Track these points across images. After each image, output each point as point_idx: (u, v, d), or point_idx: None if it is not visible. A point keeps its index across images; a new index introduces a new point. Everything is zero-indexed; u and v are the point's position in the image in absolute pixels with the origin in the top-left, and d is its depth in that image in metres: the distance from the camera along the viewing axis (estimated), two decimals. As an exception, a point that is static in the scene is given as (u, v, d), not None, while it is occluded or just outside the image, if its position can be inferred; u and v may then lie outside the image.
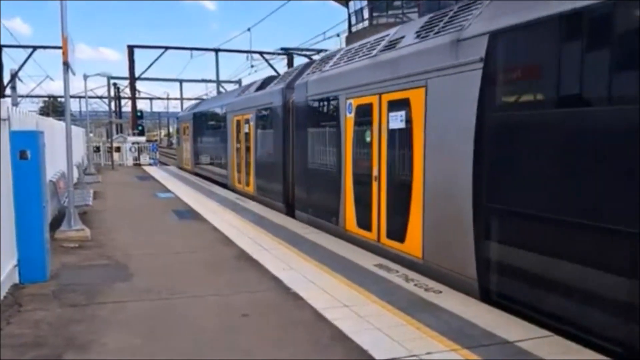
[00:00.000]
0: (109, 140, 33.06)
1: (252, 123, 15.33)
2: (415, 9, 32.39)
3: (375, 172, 8.16)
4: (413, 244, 7.16)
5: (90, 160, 27.37)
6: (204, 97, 48.45)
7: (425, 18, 7.77)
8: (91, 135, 35.67)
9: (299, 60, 36.27)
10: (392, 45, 8.06)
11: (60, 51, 9.13)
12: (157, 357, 4.40)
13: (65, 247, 8.59)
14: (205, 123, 23.63)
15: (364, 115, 8.52)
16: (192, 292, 6.20)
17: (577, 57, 4.78)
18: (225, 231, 9.97)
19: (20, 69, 35.97)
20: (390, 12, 33.92)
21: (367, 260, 7.57)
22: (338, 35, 30.43)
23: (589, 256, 4.59)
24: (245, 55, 38.67)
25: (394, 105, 7.59)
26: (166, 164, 36.64)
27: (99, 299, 5.91)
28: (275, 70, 38.82)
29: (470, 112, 5.87)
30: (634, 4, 4.23)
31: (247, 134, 15.97)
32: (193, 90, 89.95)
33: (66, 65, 9.09)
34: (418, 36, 7.39)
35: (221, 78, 42.29)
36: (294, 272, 6.99)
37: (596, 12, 4.54)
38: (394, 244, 7.71)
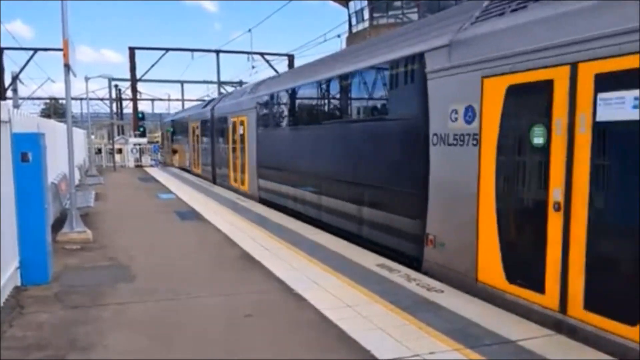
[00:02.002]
0: (111, 141, 33.10)
1: (199, 129, 24.60)
2: (415, 9, 32.40)
3: (238, 154, 17.16)
4: (247, 187, 16.27)
5: (91, 162, 27.41)
6: (206, 97, 48.54)
7: (252, 85, 18.35)
8: (93, 137, 35.69)
9: (299, 62, 36.27)
10: (242, 95, 17.76)
11: (61, 53, 9.15)
12: (160, 358, 4.41)
13: (68, 248, 8.60)
14: (179, 128, 31.98)
15: (234, 126, 17.64)
16: (195, 293, 6.20)
17: (271, 113, 14.49)
18: (227, 232, 9.97)
19: (21, 71, 36.09)
20: (390, 13, 33.92)
21: (369, 261, 7.58)
22: (339, 36, 30.46)
23: (280, 180, 13.13)
24: (246, 56, 38.67)
25: (241, 123, 16.63)
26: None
27: (101, 300, 5.92)
28: (275, 70, 38.83)
29: (255, 128, 15.09)
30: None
31: (197, 136, 25.18)
32: (194, 92, 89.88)
33: (67, 67, 9.11)
34: (248, 93, 16.67)
35: (222, 79, 42.24)
36: (297, 273, 6.99)
37: (263, 98, 14.82)
38: (242, 188, 16.74)
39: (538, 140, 5.19)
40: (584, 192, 4.69)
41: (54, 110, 62.86)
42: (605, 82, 4.47)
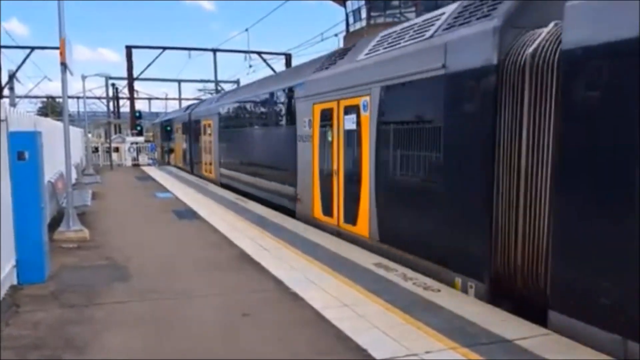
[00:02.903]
0: (108, 140, 33.03)
1: (181, 129, 29.62)
2: (413, 9, 32.35)
3: (207, 150, 21.90)
4: (213, 175, 21.04)
5: (89, 160, 27.35)
6: (203, 97, 48.56)
7: (220, 94, 26.01)
8: (90, 135, 35.60)
9: (295, 61, 36.27)
10: (212, 102, 22.90)
11: (58, 51, 9.12)
12: (156, 357, 4.40)
13: (64, 247, 8.58)
14: (166, 129, 35.97)
15: (204, 127, 22.33)
16: (192, 292, 6.20)
17: (223, 119, 19.66)
18: (224, 231, 9.96)
19: (18, 69, 35.90)
20: (388, 12, 33.87)
21: (367, 260, 7.59)
22: (336, 35, 30.49)
23: (231, 167, 18.50)
24: (243, 55, 38.62)
25: (209, 125, 21.38)
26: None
27: (98, 299, 5.91)
28: (273, 69, 38.79)
29: (217, 128, 20.26)
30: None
31: (181, 136, 29.86)
32: (191, 91, 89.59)
33: (64, 65, 9.08)
34: (215, 101, 22.28)
35: (220, 78, 42.21)
36: (294, 272, 7.00)
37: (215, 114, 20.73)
38: (210, 176, 21.50)
39: (329, 138, 9.75)
40: (341, 164, 9.35)
41: (51, 108, 62.64)
42: (346, 110, 9.08)
